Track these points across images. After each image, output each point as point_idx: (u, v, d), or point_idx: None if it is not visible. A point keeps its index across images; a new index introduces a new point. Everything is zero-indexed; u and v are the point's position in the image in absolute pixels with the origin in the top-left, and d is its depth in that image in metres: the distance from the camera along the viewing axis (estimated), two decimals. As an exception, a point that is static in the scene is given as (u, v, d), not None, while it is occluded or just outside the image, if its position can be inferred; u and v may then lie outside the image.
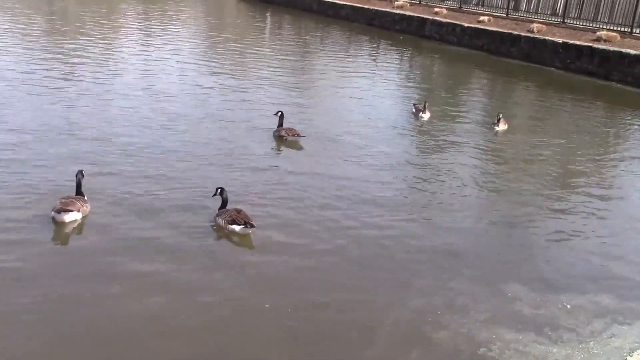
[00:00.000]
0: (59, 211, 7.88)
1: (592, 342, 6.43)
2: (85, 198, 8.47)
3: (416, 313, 6.75)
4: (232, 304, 6.66)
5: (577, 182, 11.74)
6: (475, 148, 13.45)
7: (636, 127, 17.81)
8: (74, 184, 8.54)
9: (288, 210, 9.12)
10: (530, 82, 24.21)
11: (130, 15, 35.61)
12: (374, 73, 23.33)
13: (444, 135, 14.32)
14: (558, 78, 25.29)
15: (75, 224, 8.07)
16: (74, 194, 8.43)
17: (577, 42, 26.62)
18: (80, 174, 8.58)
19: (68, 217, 7.93)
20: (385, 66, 26.09)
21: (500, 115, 15.31)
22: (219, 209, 8.51)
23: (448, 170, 11.70)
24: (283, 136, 12.48)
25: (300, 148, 12.35)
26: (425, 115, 15.30)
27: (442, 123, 15.39)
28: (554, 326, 6.65)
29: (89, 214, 8.30)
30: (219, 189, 8.64)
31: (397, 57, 29.85)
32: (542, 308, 6.98)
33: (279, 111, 12.84)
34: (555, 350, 6.27)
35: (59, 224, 7.94)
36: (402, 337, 6.35)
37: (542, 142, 14.61)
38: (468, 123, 15.72)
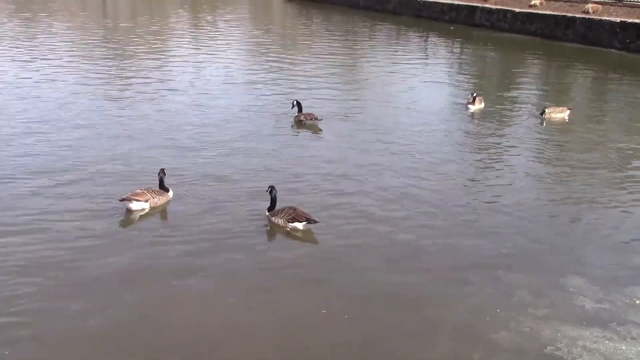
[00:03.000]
0: (123, 200, 8.58)
1: (662, 338, 5.98)
2: (169, 193, 9.09)
3: (476, 312, 6.44)
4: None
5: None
6: (528, 138, 12.95)
7: None
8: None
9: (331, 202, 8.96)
10: (589, 65, 23.24)
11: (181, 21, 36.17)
12: (424, 65, 22.86)
13: (493, 126, 13.84)
14: (618, 59, 24.25)
15: (143, 213, 8.63)
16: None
17: (637, 21, 25.47)
18: (162, 172, 9.21)
19: (134, 206, 8.63)
20: (435, 58, 25.57)
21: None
22: (269, 209, 8.49)
23: (496, 163, 11.31)
24: (302, 120, 13.29)
25: (348, 140, 12.44)
26: (473, 107, 14.87)
27: (493, 114, 14.87)
28: (622, 321, 6.23)
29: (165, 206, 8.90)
30: (270, 187, 8.61)
31: (447, 47, 29.24)
32: (607, 302, 6.55)
33: (294, 100, 13.77)
34: (624, 347, 5.86)
35: (128, 211, 8.63)
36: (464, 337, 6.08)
37: (604, 130, 13.97)
38: (519, 115, 15.11)
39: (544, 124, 13.93)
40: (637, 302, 6.57)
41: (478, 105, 14.91)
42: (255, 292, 6.77)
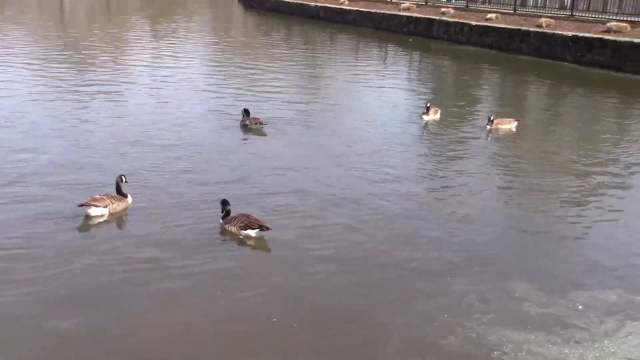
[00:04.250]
0: (82, 205, 8.50)
1: (606, 341, 6.12)
2: (128, 199, 9.01)
3: (424, 317, 6.50)
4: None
5: (593, 178, 11.38)
6: (477, 148, 13.18)
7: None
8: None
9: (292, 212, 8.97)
10: (542, 78, 23.83)
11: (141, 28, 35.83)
12: (382, 75, 23.10)
13: (444, 136, 14.04)
14: (571, 72, 24.90)
15: (102, 219, 8.54)
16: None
17: (587, 35, 26.22)
18: (120, 177, 9.09)
19: (93, 212, 8.54)
20: (394, 68, 25.90)
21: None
22: (223, 217, 8.50)
23: (445, 173, 11.44)
24: (247, 124, 13.63)
25: (300, 146, 12.55)
26: (428, 117, 15.04)
27: (447, 125, 15.06)
28: (565, 325, 6.36)
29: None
30: (223, 201, 8.60)
31: (406, 59, 29.64)
32: (551, 307, 6.69)
33: (244, 108, 14.07)
34: (567, 350, 5.98)
35: (86, 217, 8.54)
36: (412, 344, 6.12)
37: (556, 139, 14.33)
38: (472, 126, 15.33)
39: (490, 134, 14.11)
40: (580, 307, 6.71)
41: (433, 116, 15.10)
42: (207, 300, 6.70)
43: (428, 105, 15.24)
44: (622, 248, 8.36)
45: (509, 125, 14.49)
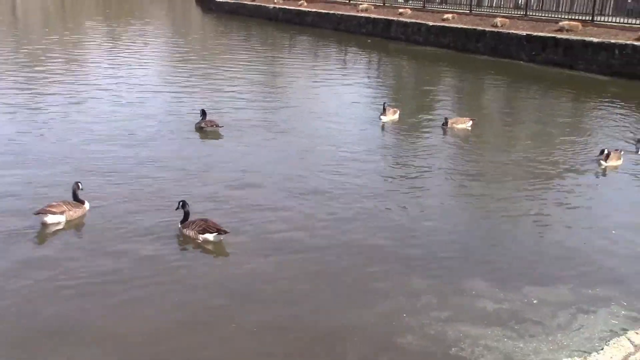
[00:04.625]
0: (38, 213, 8.35)
1: (559, 334, 6.27)
2: (85, 205, 8.89)
3: (382, 317, 6.55)
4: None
5: (548, 175, 11.62)
6: (434, 148, 13.32)
7: (603, 112, 17.83)
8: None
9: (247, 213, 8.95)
10: (499, 77, 24.26)
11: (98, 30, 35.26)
12: (341, 76, 23.18)
13: (400, 135, 14.19)
14: (526, 71, 25.39)
15: (59, 227, 8.40)
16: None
17: (541, 34, 26.78)
18: (76, 184, 8.97)
19: (49, 219, 8.39)
20: (354, 69, 26.02)
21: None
22: (182, 221, 8.44)
23: (401, 171, 11.57)
24: (203, 127, 13.54)
25: (257, 147, 12.49)
26: (385, 118, 15.16)
27: (404, 124, 15.18)
28: (520, 320, 6.50)
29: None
30: (181, 202, 8.55)
31: (365, 59, 29.82)
32: (506, 303, 6.82)
33: (201, 109, 14.01)
34: (522, 344, 6.11)
35: (43, 225, 8.39)
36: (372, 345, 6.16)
37: (512, 136, 14.61)
38: (429, 125, 15.48)
39: (446, 134, 14.26)
40: (534, 301, 6.86)
41: (391, 116, 15.22)
42: (166, 308, 6.63)
43: (385, 105, 15.34)
44: (575, 243, 8.53)
45: (464, 124, 14.69)
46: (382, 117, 15.14)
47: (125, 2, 67.18)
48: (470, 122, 14.78)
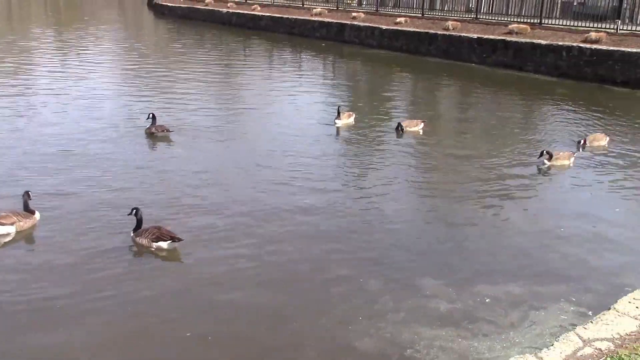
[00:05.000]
0: None
1: (512, 332, 6.39)
2: (36, 215, 8.67)
3: (339, 321, 6.57)
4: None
5: (499, 174, 11.84)
6: (395, 149, 13.45)
7: (551, 113, 18.30)
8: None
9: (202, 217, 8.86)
10: (451, 79, 24.66)
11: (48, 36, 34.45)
12: (297, 80, 23.20)
13: (359, 139, 14.24)
14: (477, 73, 25.84)
15: (8, 238, 8.23)
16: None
17: (491, 37, 27.31)
18: (26, 194, 8.77)
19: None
20: (309, 73, 26.06)
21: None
22: (134, 229, 8.32)
23: (354, 173, 11.65)
24: (153, 132, 13.49)
25: (207, 152, 12.34)
26: (340, 122, 15.20)
27: (359, 128, 15.24)
28: (474, 319, 6.60)
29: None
30: (135, 209, 8.44)
31: (319, 63, 29.92)
32: (459, 302, 6.93)
33: (150, 113, 13.87)
34: (476, 343, 6.21)
35: None
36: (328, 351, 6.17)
37: (464, 137, 14.84)
38: (383, 128, 15.58)
39: (400, 137, 14.34)
40: (487, 300, 6.98)
41: (346, 120, 15.28)
42: (120, 319, 6.51)
43: (340, 109, 15.40)
44: (525, 242, 8.72)
45: (416, 127, 14.84)
46: (336, 120, 15.19)
47: (75, 8, 65.95)
48: (422, 125, 14.95)
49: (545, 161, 12.19)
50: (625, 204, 10.47)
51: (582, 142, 13.69)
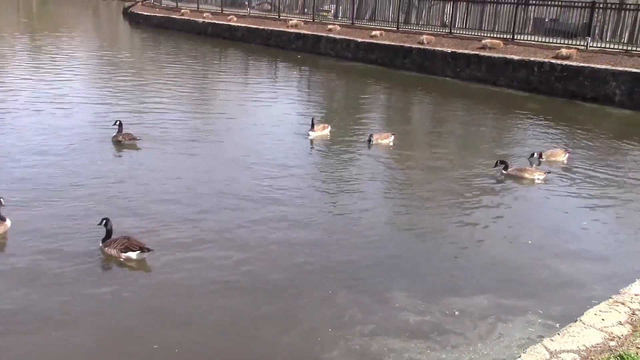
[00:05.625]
0: None
1: (480, 344, 6.42)
2: (7, 222, 8.56)
3: (308, 333, 6.53)
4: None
5: (469, 186, 11.94)
6: (367, 161, 13.49)
7: (523, 127, 18.55)
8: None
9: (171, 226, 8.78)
10: (425, 92, 24.86)
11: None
12: (272, 92, 23.18)
13: (332, 152, 14.25)
14: (451, 87, 26.11)
15: None
16: None
17: (465, 51, 27.65)
18: None
19: None
20: (284, 84, 26.09)
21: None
22: (103, 239, 8.22)
23: (325, 186, 11.63)
24: (120, 140, 13.43)
25: (180, 162, 12.21)
26: (314, 134, 15.20)
27: (333, 140, 15.25)
28: (443, 331, 6.61)
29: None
30: (104, 220, 8.34)
31: (295, 75, 29.98)
32: (428, 315, 6.94)
33: (117, 120, 13.81)
34: (444, 355, 6.22)
35: None
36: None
37: (438, 150, 14.95)
38: (357, 140, 15.60)
39: (371, 149, 14.34)
40: (456, 312, 7.01)
41: (320, 132, 15.29)
42: (87, 331, 6.40)
43: (314, 121, 15.42)
44: (494, 255, 8.77)
45: (387, 140, 14.88)
46: (310, 132, 15.20)
47: (49, 16, 65.28)
48: (392, 137, 15.00)
49: (503, 171, 12.46)
50: (593, 217, 10.60)
51: (538, 155, 13.84)
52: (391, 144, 14.88)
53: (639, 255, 9.09)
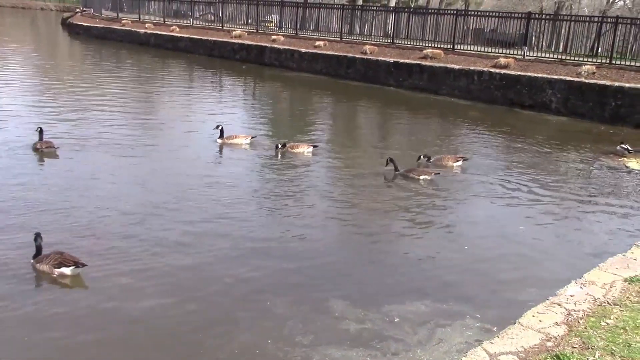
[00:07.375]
0: None
1: (419, 350, 6.41)
2: None
3: (246, 347, 6.40)
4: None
5: (410, 194, 12.03)
6: (305, 170, 13.45)
7: (463, 133, 18.88)
8: None
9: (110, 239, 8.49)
10: (368, 102, 25.06)
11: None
12: (217, 103, 22.94)
13: (272, 160, 14.16)
14: (394, 96, 26.44)
15: None
16: None
17: (407, 61, 28.05)
18: None
19: None
20: (228, 95, 25.86)
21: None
22: (34, 256, 7.89)
23: (265, 193, 11.56)
24: (39, 148, 13.18)
25: (106, 172, 11.85)
26: (220, 140, 15.01)
27: (263, 148, 15.12)
28: (383, 338, 6.58)
29: None
30: (36, 235, 8.01)
31: (239, 85, 29.78)
32: (368, 322, 6.90)
33: (39, 127, 13.68)
34: (384, 363, 6.18)
35: None
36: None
37: (379, 158, 15.03)
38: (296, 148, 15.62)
39: (285, 157, 14.23)
40: (396, 319, 6.99)
41: (234, 140, 15.03)
42: (17, 346, 6.13)
43: (220, 127, 15.10)
44: (432, 261, 8.83)
45: (301, 149, 14.69)
46: (218, 140, 15.07)
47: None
48: (311, 148, 14.81)
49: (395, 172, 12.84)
50: (528, 222, 10.81)
51: (425, 159, 14.16)
52: (307, 153, 14.71)
53: (574, 256, 9.30)
